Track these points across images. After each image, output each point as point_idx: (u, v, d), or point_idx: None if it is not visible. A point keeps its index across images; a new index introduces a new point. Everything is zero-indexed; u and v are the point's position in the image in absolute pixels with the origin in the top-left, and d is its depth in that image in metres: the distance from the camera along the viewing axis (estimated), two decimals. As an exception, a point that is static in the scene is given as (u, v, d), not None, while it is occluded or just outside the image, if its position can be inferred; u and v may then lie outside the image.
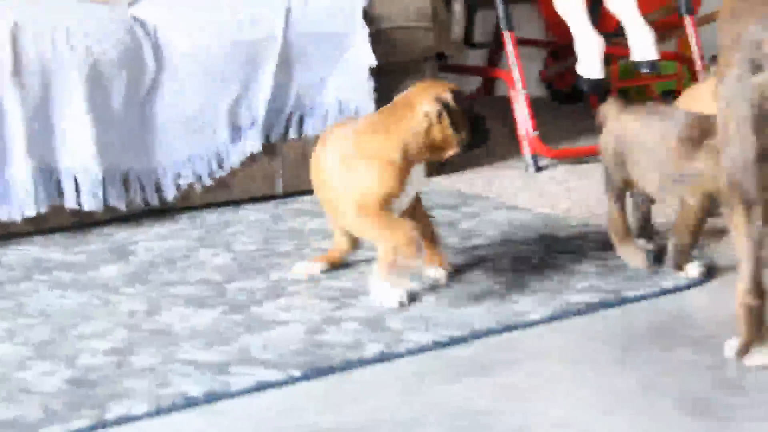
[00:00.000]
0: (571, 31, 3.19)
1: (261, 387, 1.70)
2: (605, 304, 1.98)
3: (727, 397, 1.60)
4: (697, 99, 2.52)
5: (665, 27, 3.64)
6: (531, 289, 2.07)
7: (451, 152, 2.05)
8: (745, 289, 1.63)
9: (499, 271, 2.19)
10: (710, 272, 2.12)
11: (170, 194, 2.76)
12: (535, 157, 3.13)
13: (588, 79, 3.14)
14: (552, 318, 1.94)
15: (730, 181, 1.56)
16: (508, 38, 3.23)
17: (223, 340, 1.88)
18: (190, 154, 2.79)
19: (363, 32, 2.92)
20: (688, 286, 2.06)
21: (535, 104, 3.27)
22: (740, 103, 1.46)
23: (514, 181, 3.02)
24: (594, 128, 3.72)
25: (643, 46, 3.15)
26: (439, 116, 2.00)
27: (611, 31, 3.45)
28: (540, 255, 2.28)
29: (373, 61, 2.91)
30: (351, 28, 2.92)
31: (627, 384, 1.66)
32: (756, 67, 1.44)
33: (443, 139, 2.02)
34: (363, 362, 1.78)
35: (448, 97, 2.01)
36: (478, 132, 2.05)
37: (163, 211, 2.76)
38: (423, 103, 2.01)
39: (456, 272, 2.18)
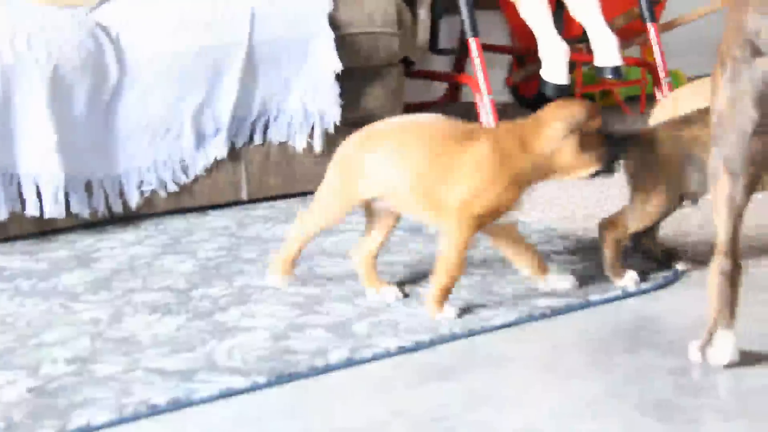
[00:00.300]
0: (536, 37, 3.21)
1: (226, 394, 1.69)
2: (570, 308, 1.99)
3: (691, 400, 1.61)
4: (681, 100, 2.54)
5: (628, 33, 3.67)
6: (496, 294, 2.07)
7: (582, 174, 1.98)
8: (722, 251, 1.66)
9: (465, 276, 2.18)
10: (674, 275, 2.13)
11: (134, 200, 2.74)
12: (500, 163, 3.15)
13: (553, 85, 3.16)
14: (517, 323, 1.94)
15: (720, 153, 1.63)
16: (473, 44, 3.24)
17: (187, 347, 1.87)
18: (154, 160, 2.77)
19: (328, 37, 2.91)
20: (653, 290, 2.07)
21: (501, 110, 3.28)
22: (743, 81, 1.56)
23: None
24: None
25: (606, 51, 3.17)
26: (569, 139, 1.93)
27: (574, 37, 3.48)
28: (505, 259, 2.28)
29: (338, 66, 2.91)
30: (316, 33, 2.91)
31: (592, 389, 1.66)
32: (756, 51, 1.53)
33: (574, 162, 1.96)
34: (329, 368, 1.77)
35: (580, 118, 1.95)
36: (611, 153, 1.98)
37: (127, 218, 2.74)
38: (554, 124, 1.95)
39: (423, 277, 2.18)
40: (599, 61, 3.19)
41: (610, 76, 3.21)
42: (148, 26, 2.78)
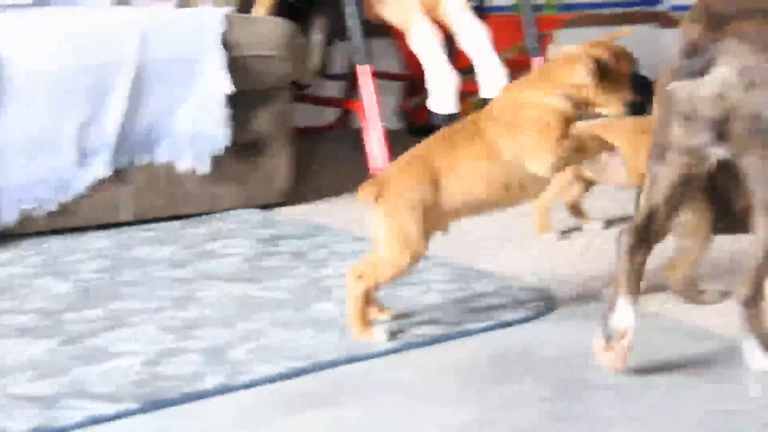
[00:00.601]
0: (424, 67, 3.25)
1: (93, 421, 1.64)
2: (447, 337, 2.01)
3: (562, 427, 1.63)
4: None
5: (515, 66, 3.75)
6: (377, 322, 2.07)
7: (609, 111, 2.03)
8: (635, 223, 1.80)
9: (345, 303, 2.18)
10: (550, 306, 2.17)
11: (11, 219, 2.66)
12: (388, 189, 3.16)
13: (442, 115, 3.20)
14: (395, 350, 1.95)
15: (652, 163, 1.82)
16: (362, 71, 3.26)
17: (55, 372, 1.81)
18: (33, 179, 2.69)
19: (220, 58, 2.89)
20: (528, 320, 2.11)
21: (392, 137, 3.31)
22: (667, 102, 1.77)
23: (364, 213, 3.03)
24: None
25: (493, 83, 3.23)
26: (593, 76, 1.97)
27: (464, 68, 3.54)
28: (385, 286, 2.28)
29: (229, 88, 2.89)
30: (207, 54, 2.89)
31: (465, 416, 1.68)
32: (675, 76, 1.74)
33: (598, 99, 2.00)
34: (202, 395, 1.75)
35: (604, 56, 1.98)
36: (639, 93, 2.02)
37: (3, 237, 2.66)
38: (579, 62, 1.98)
39: (303, 303, 2.17)
40: (485, 92, 3.25)
41: (497, 108, 3.26)
42: (31, 41, 2.71)
